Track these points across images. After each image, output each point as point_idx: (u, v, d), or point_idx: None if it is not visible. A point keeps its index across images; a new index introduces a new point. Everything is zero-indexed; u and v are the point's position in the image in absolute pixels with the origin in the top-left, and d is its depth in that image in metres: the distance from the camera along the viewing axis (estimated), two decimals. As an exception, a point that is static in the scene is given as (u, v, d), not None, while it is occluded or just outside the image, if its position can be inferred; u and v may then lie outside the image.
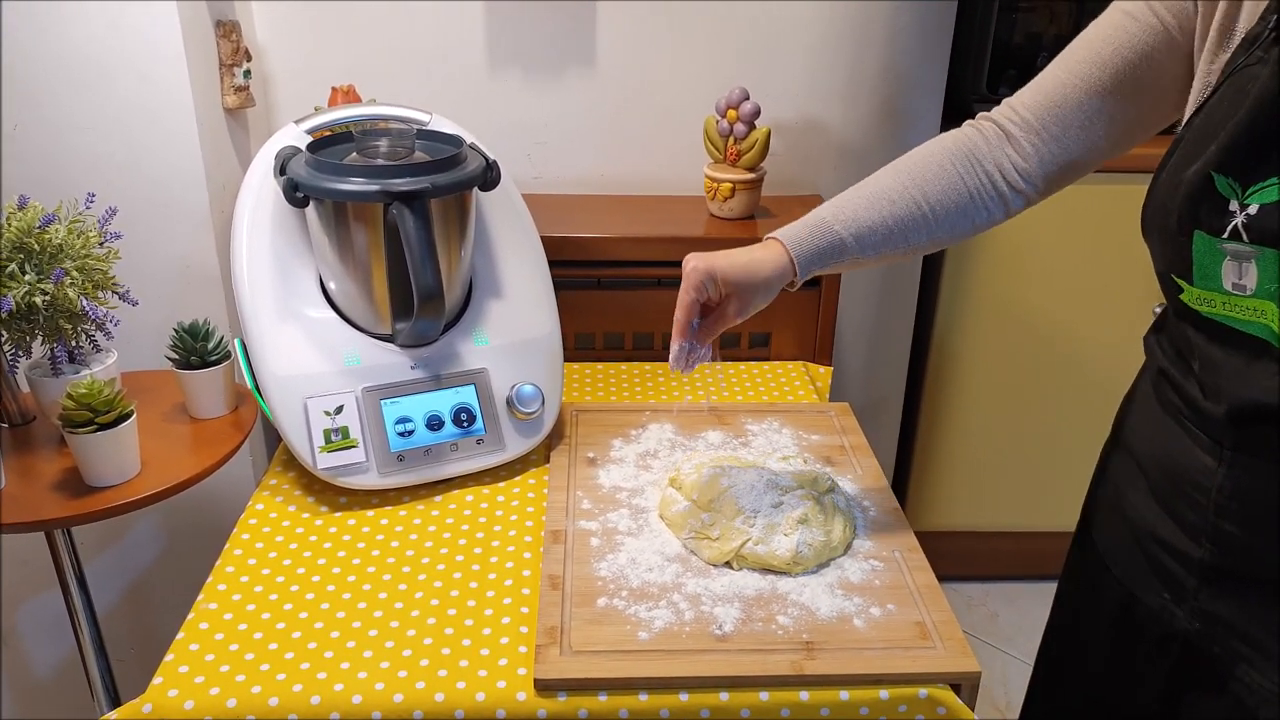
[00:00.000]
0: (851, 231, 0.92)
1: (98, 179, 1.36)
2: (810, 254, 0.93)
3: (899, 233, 0.92)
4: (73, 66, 1.31)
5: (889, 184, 0.93)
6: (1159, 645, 0.89)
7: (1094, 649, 0.99)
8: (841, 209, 0.93)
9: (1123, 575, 0.93)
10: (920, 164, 0.93)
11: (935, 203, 0.92)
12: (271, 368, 1.10)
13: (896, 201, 0.92)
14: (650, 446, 1.21)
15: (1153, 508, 0.89)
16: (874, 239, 0.92)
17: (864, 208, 0.92)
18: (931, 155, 0.94)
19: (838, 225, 0.92)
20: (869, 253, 0.93)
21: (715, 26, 1.67)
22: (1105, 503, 0.98)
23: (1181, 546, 0.85)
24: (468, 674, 0.87)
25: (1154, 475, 0.89)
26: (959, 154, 0.93)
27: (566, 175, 1.76)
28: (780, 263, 0.93)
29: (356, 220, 1.08)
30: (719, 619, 0.92)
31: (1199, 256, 0.76)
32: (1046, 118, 0.89)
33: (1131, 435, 0.94)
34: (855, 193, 0.94)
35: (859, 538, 1.05)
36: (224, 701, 0.84)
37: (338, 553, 1.04)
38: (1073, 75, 0.88)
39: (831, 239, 0.92)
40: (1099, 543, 0.98)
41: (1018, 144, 0.91)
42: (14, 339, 1.13)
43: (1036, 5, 1.77)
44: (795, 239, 0.93)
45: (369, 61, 1.65)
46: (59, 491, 1.10)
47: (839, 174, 1.80)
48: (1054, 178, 0.91)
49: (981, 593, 2.18)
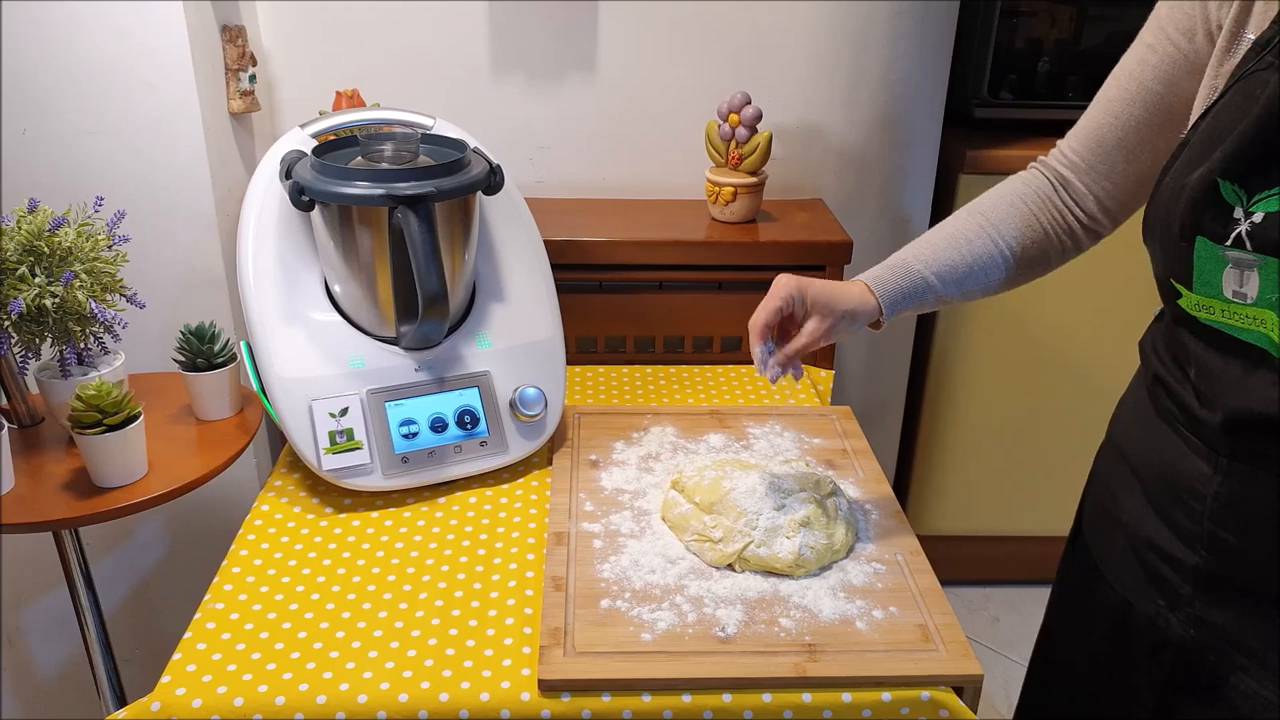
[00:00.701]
0: (933, 270, 0.96)
1: (105, 183, 1.37)
2: (894, 293, 0.96)
3: (979, 270, 0.96)
4: (80, 71, 1.32)
5: (965, 224, 0.97)
6: (1153, 652, 0.89)
7: (1086, 655, 0.99)
8: (920, 250, 0.97)
9: (1116, 581, 0.93)
10: (994, 205, 0.98)
11: (1013, 239, 0.96)
12: (277, 370, 1.11)
13: (974, 240, 0.96)
14: (652, 449, 1.22)
15: (1148, 514, 0.88)
16: (955, 276, 0.96)
17: (943, 247, 0.96)
18: (1003, 196, 0.98)
19: (918, 265, 0.96)
20: (952, 290, 0.97)
21: (717, 31, 1.68)
22: (1099, 508, 0.98)
23: (1177, 553, 0.85)
24: (472, 674, 0.88)
25: (1149, 481, 0.89)
26: (1029, 194, 0.97)
27: (569, 179, 1.77)
28: (864, 299, 0.97)
29: (361, 224, 1.09)
30: (722, 621, 0.93)
31: (1200, 262, 0.76)
32: (1092, 159, 0.93)
33: (1125, 440, 0.94)
34: (933, 234, 0.98)
35: (861, 541, 1.05)
36: (231, 700, 0.85)
37: (343, 554, 1.04)
38: (1108, 115, 0.91)
39: (914, 278, 0.96)
40: (1092, 548, 0.98)
41: (1072, 186, 0.95)
42: (24, 341, 1.14)
43: (1037, 10, 1.78)
44: (877, 279, 0.97)
45: (373, 66, 1.66)
46: (67, 492, 1.11)
47: (840, 178, 1.81)
48: (1116, 210, 0.95)
49: (982, 597, 2.19)
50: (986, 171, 1.79)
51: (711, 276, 1.57)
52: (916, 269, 0.96)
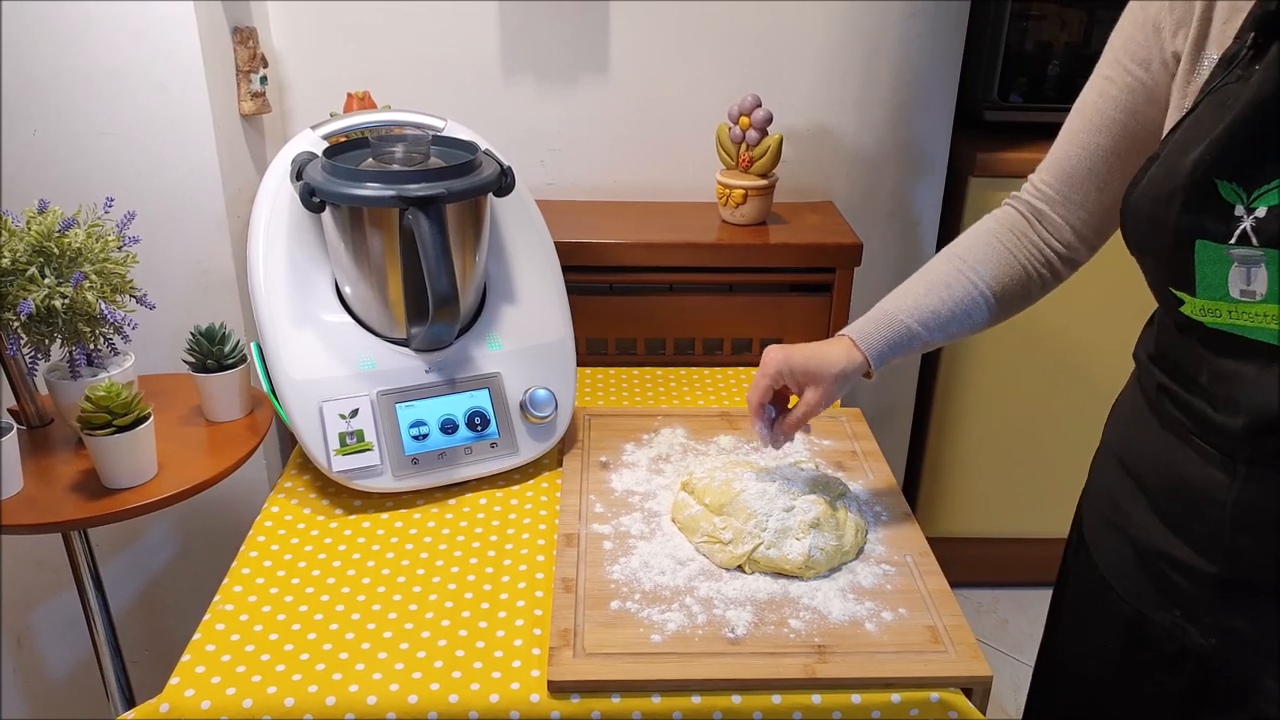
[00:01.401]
0: (916, 319, 0.99)
1: (116, 184, 1.37)
2: (880, 345, 0.99)
3: (961, 314, 0.98)
4: (92, 72, 1.33)
5: (944, 269, 1.00)
6: (1172, 663, 0.88)
7: (1096, 665, 0.97)
8: (903, 299, 1.00)
9: (1127, 593, 0.91)
10: (970, 246, 1.01)
11: (991, 279, 0.98)
12: (287, 371, 1.11)
13: (954, 286, 0.99)
14: (662, 451, 1.22)
15: (1157, 525, 0.87)
16: (938, 321, 0.99)
17: (924, 294, 0.99)
18: (979, 237, 1.01)
19: (902, 315, 0.99)
20: (937, 335, 0.99)
21: (728, 34, 1.68)
22: (1101, 521, 0.96)
23: (1192, 563, 0.84)
24: (481, 675, 0.88)
25: (1156, 493, 0.87)
26: (1003, 231, 1.00)
27: (579, 181, 1.77)
28: (850, 357, 1.00)
29: (372, 225, 1.09)
30: (731, 622, 0.92)
31: (1202, 266, 0.76)
32: (1065, 189, 0.95)
33: (1126, 453, 0.92)
34: (913, 283, 1.01)
35: (870, 542, 1.05)
36: (240, 702, 0.85)
37: (352, 555, 1.04)
38: (1075, 146, 0.93)
39: (898, 328, 0.99)
40: (1098, 561, 0.96)
41: (1047, 218, 0.97)
42: (33, 342, 1.14)
43: (1048, 14, 1.78)
44: (862, 333, 1.00)
45: (384, 68, 1.66)
46: (76, 493, 1.11)
47: (850, 180, 1.80)
48: (1092, 237, 0.96)
49: (991, 599, 2.18)
50: (997, 174, 1.78)
51: (722, 279, 1.57)
52: (900, 319, 0.99)
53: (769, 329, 1.58)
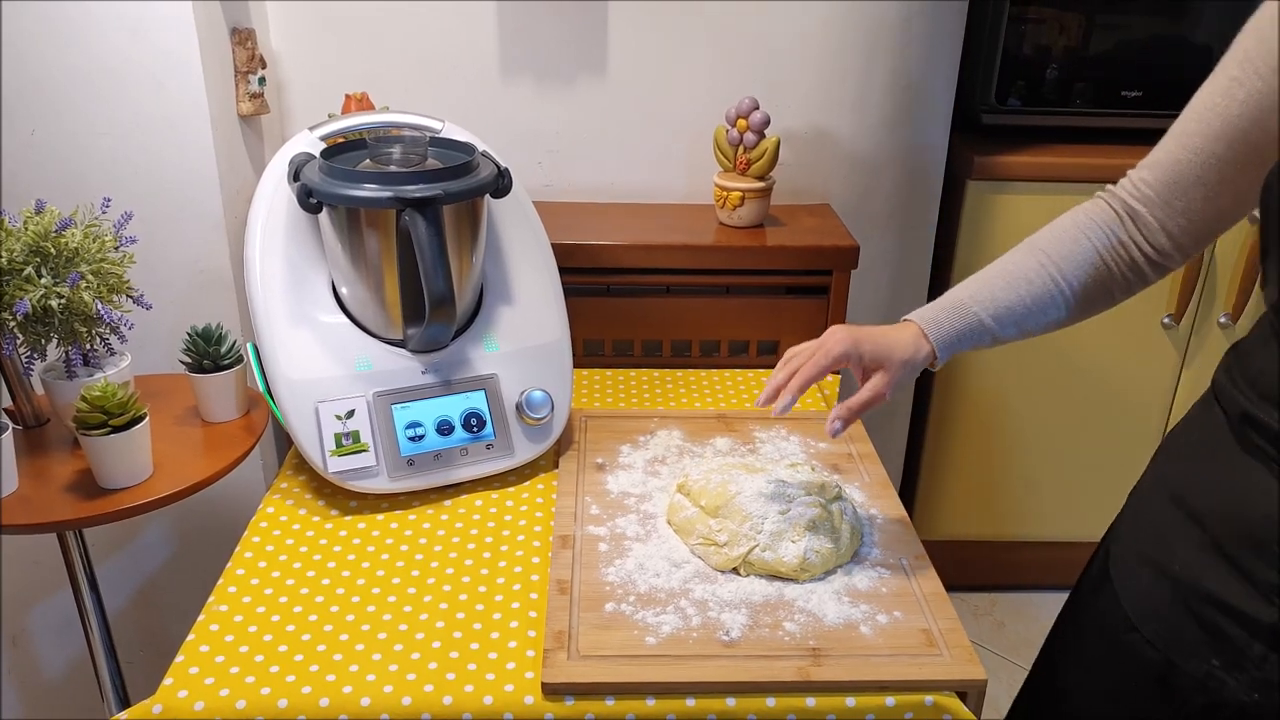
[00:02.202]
0: (989, 312, 0.93)
1: (113, 184, 1.37)
2: (949, 335, 0.94)
3: (1038, 309, 0.92)
4: (90, 72, 1.33)
5: (1025, 262, 0.93)
6: (1201, 716, 0.82)
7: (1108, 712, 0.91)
8: (979, 289, 0.94)
9: (1156, 638, 0.85)
10: (1054, 240, 0.93)
11: (1073, 278, 0.92)
12: (284, 372, 1.11)
13: (1034, 281, 0.92)
14: (658, 453, 1.22)
15: (1213, 566, 0.81)
16: (1012, 317, 0.93)
17: (1001, 288, 0.93)
18: (1065, 230, 0.93)
19: (975, 306, 0.93)
20: (1009, 330, 0.93)
21: (725, 36, 1.68)
22: (1137, 559, 0.89)
23: (1247, 608, 0.78)
24: (476, 677, 0.88)
25: (1218, 529, 0.81)
26: (1092, 227, 0.92)
27: (577, 183, 1.77)
28: (918, 345, 0.94)
29: (369, 226, 1.09)
30: (726, 625, 0.92)
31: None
32: (1167, 194, 0.88)
33: (1186, 487, 0.86)
34: (991, 271, 0.95)
35: (866, 545, 1.05)
36: (233, 703, 0.85)
37: (347, 556, 1.04)
38: (1186, 150, 0.85)
39: (970, 320, 0.93)
40: (1125, 601, 0.89)
41: (1142, 219, 0.90)
42: (29, 342, 1.14)
43: (1046, 17, 1.78)
44: (933, 322, 0.94)
45: (382, 69, 1.66)
46: (72, 493, 1.11)
47: (848, 183, 1.80)
48: (1189, 245, 0.90)
49: (988, 602, 2.18)
50: (994, 177, 1.79)
51: (719, 281, 1.57)
52: (973, 310, 0.93)
53: (766, 331, 1.58)
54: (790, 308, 1.57)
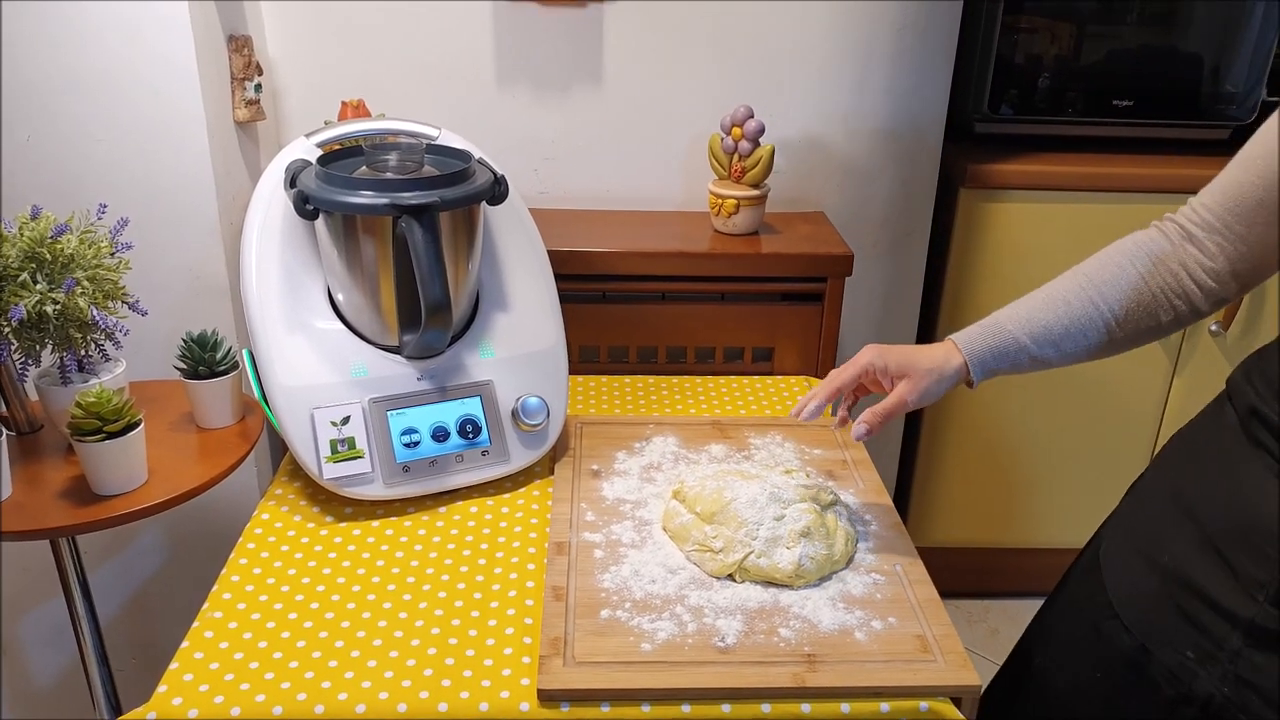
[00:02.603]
0: (1026, 331, 0.94)
1: (109, 190, 1.37)
2: (983, 351, 0.96)
3: (1076, 332, 0.93)
4: (86, 79, 1.33)
5: (1066, 286, 0.94)
6: (1170, 707, 0.84)
7: (1080, 695, 0.93)
8: (1016, 310, 0.96)
9: (1134, 625, 0.87)
10: (1100, 266, 0.94)
11: (1114, 302, 0.92)
12: (279, 378, 1.11)
13: (1073, 303, 0.93)
14: (654, 459, 1.22)
15: (1201, 558, 0.82)
16: (1049, 337, 0.93)
17: (1039, 308, 0.94)
18: (1111, 258, 0.94)
19: (1011, 325, 0.95)
20: (1049, 351, 0.94)
21: (721, 45, 1.69)
22: (1128, 546, 0.92)
23: (1229, 603, 0.80)
24: (471, 684, 0.88)
25: (1213, 523, 0.83)
26: (1140, 255, 0.92)
27: (572, 190, 1.78)
28: (949, 358, 0.97)
29: (365, 233, 1.09)
30: (721, 631, 0.93)
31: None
32: (1228, 218, 0.87)
33: (1186, 481, 0.88)
34: (1031, 296, 0.96)
35: (861, 551, 1.05)
36: (228, 710, 0.85)
37: (343, 563, 1.04)
38: (1250, 174, 0.85)
39: (1004, 338, 0.95)
40: (1110, 585, 0.92)
41: (1201, 244, 0.89)
42: (24, 348, 1.14)
43: (1038, 27, 1.79)
44: (966, 337, 0.97)
45: (378, 77, 1.66)
46: (65, 499, 1.11)
47: (842, 191, 1.81)
48: (1246, 274, 0.88)
49: (981, 609, 2.18)
50: (987, 185, 1.80)
51: (714, 288, 1.57)
52: (1008, 329, 0.95)
53: (761, 338, 1.59)
54: (785, 315, 1.58)
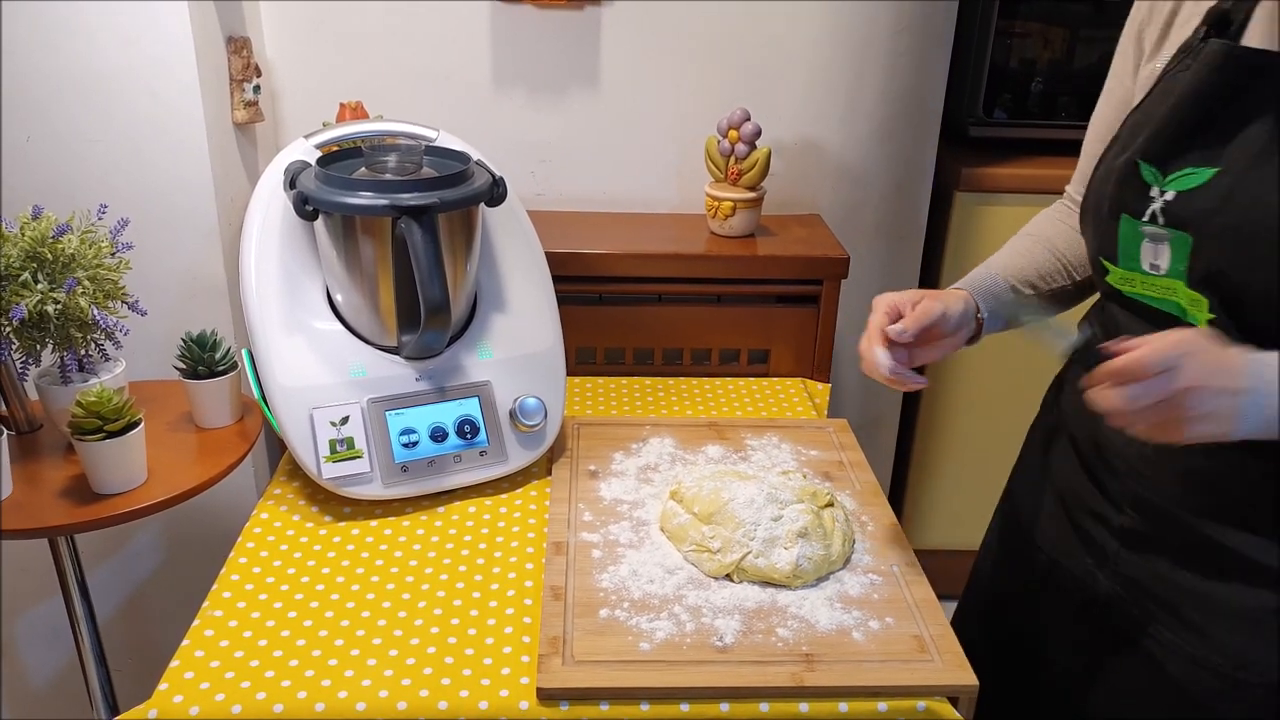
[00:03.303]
0: (1011, 275, 1.02)
1: (109, 191, 1.37)
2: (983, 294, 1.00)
3: (1046, 275, 1.03)
4: (86, 80, 1.33)
5: (1022, 243, 1.06)
6: (1082, 609, 0.99)
7: (1015, 613, 1.08)
8: (993, 265, 1.04)
9: (1045, 542, 1.04)
10: (1044, 227, 1.07)
11: (1067, 251, 1.04)
12: (278, 378, 1.11)
13: (1034, 251, 1.04)
14: (651, 460, 1.23)
15: (1080, 478, 0.99)
16: (1026, 280, 1.03)
17: (1013, 261, 1.04)
18: (1048, 220, 1.07)
19: (998, 272, 1.03)
20: (1030, 292, 1.03)
21: (717, 48, 1.70)
22: (1032, 476, 1.09)
23: (1104, 513, 0.95)
24: (470, 682, 0.88)
25: (1084, 447, 0.98)
26: (1065, 214, 1.06)
27: (569, 192, 1.78)
28: (963, 298, 0.98)
29: (365, 234, 1.10)
30: (720, 631, 0.93)
31: (1123, 239, 0.86)
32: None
33: (1065, 410, 1.04)
34: (1000, 254, 1.06)
35: (857, 552, 1.06)
36: (229, 708, 0.85)
37: (342, 562, 1.05)
38: (1088, 158, 1.01)
39: (996, 283, 1.02)
40: (1023, 514, 1.08)
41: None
42: (25, 347, 1.14)
43: (1032, 32, 1.80)
44: (971, 283, 1.02)
45: (376, 79, 1.67)
46: (65, 498, 1.11)
47: (837, 194, 1.82)
48: None
49: (976, 611, 2.19)
50: (982, 189, 1.81)
51: (710, 290, 1.58)
52: (995, 274, 1.02)
53: (756, 340, 1.60)
54: (781, 317, 1.59)
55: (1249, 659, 0.87)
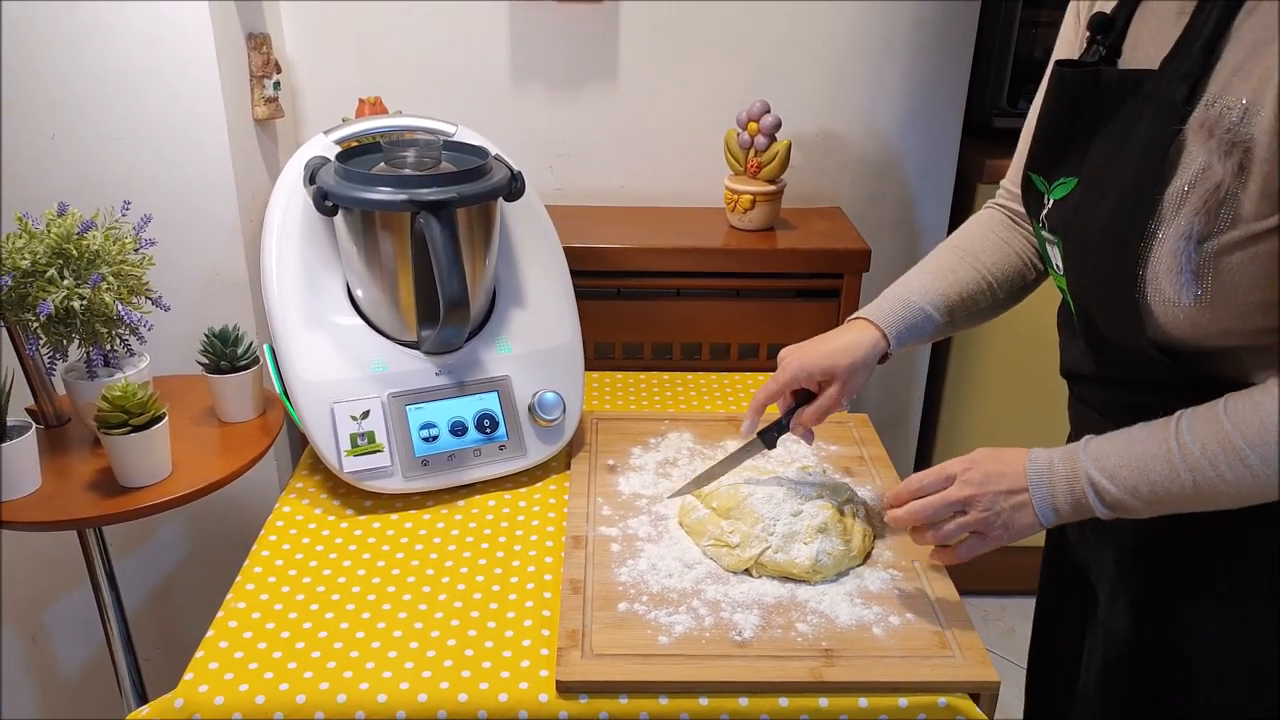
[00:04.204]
0: (929, 301, 1.02)
1: (132, 188, 1.39)
2: (898, 325, 1.01)
3: (969, 297, 1.02)
4: (108, 78, 1.35)
5: (947, 258, 1.05)
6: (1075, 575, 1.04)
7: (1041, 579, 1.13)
8: (914, 283, 1.03)
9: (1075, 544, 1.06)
10: (968, 238, 1.06)
11: (991, 267, 1.03)
12: (300, 373, 1.12)
13: (959, 271, 1.03)
14: (669, 454, 1.23)
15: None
16: (947, 304, 1.02)
17: (934, 280, 1.03)
18: (975, 230, 1.07)
19: (916, 298, 1.02)
20: (945, 318, 1.02)
21: (736, 40, 1.69)
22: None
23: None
24: (490, 675, 0.89)
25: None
26: (995, 224, 1.06)
27: (587, 187, 1.78)
28: (869, 339, 1.01)
29: (384, 229, 1.10)
30: (738, 625, 0.93)
31: (1040, 243, 0.92)
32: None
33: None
34: (921, 269, 1.05)
35: (878, 548, 1.06)
36: (253, 698, 0.86)
37: (363, 555, 1.05)
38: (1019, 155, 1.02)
39: (914, 310, 1.02)
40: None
41: (1023, 217, 1.03)
42: (51, 342, 1.16)
43: (1057, 21, 1.77)
44: (878, 313, 1.03)
45: (395, 74, 1.67)
46: (92, 491, 1.12)
47: (858, 187, 1.81)
48: None
49: (998, 607, 2.18)
50: (1005, 181, 1.79)
51: (729, 284, 1.58)
52: (915, 301, 1.02)
53: (776, 334, 1.59)
54: (800, 311, 1.58)
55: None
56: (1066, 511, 0.85)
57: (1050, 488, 0.85)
